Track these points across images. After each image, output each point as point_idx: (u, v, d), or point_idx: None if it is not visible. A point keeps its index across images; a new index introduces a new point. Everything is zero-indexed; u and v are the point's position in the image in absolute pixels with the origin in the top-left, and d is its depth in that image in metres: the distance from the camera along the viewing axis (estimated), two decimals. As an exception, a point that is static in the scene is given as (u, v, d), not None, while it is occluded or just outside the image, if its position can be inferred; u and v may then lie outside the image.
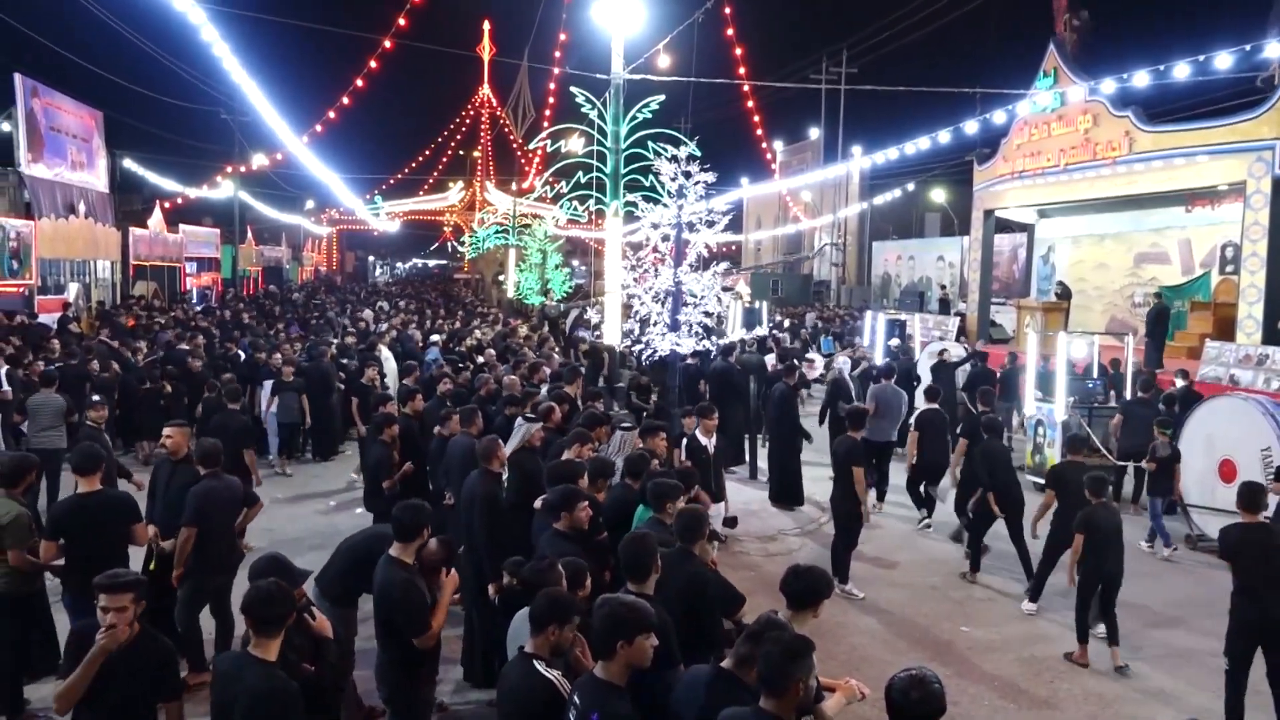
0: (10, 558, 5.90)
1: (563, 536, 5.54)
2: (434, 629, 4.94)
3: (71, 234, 25.89)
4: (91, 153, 29.09)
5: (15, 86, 23.86)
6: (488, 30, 62.82)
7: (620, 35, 15.99)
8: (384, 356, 15.21)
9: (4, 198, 23.64)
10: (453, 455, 7.93)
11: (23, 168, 23.94)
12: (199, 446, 6.97)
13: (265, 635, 3.89)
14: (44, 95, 25.53)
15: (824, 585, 4.34)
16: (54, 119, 26.16)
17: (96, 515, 5.98)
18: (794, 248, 52.32)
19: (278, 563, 4.59)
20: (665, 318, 11.48)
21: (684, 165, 11.19)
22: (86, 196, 27.84)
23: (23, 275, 22.42)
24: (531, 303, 30.96)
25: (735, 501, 10.90)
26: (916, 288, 35.62)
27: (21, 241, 22.28)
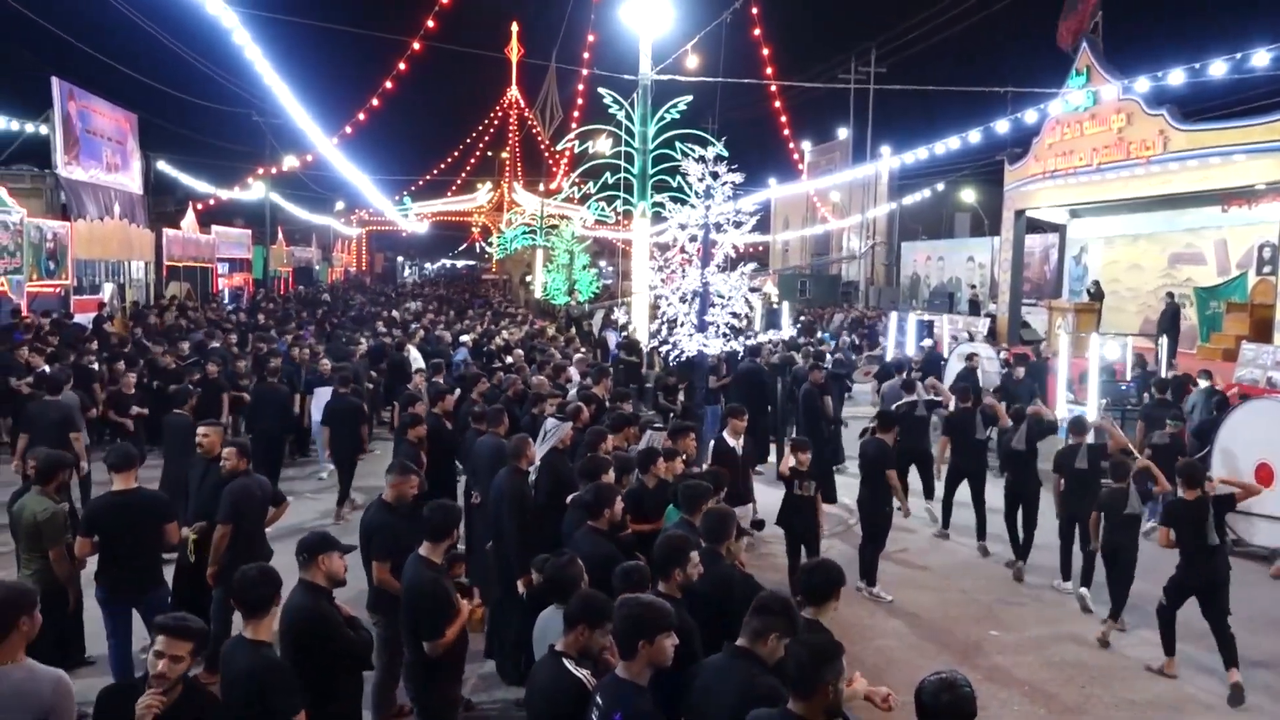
0: (51, 556, 6.02)
1: (599, 534, 5.56)
2: (447, 638, 4.97)
3: (106, 235, 26.27)
4: (126, 155, 29.51)
5: (52, 90, 24.26)
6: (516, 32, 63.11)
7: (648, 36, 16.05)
8: (413, 357, 15.32)
9: (41, 199, 24.02)
10: (480, 455, 7.98)
11: (59, 170, 24.33)
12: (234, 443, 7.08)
13: (254, 617, 4.12)
14: (80, 98, 25.93)
15: (836, 575, 4.41)
16: (89, 122, 26.57)
17: (131, 513, 6.08)
18: (822, 248, 52.09)
19: (328, 536, 4.84)
20: (692, 318, 11.48)
21: (711, 166, 11.18)
22: (121, 198, 28.24)
23: (59, 275, 22.79)
24: (559, 303, 31.06)
25: (763, 503, 10.86)
26: (946, 288, 35.37)
27: (58, 242, 22.65)
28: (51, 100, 24.22)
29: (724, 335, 11.48)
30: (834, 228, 49.08)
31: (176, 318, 21.89)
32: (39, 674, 3.69)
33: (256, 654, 4.02)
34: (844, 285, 44.10)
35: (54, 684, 3.69)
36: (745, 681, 3.69)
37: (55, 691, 3.68)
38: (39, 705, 3.59)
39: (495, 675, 6.81)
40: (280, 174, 41.19)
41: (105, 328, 18.95)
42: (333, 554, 4.70)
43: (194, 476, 7.22)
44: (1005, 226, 23.78)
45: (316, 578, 4.66)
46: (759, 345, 13.62)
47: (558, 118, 65.66)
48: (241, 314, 22.86)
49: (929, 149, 20.99)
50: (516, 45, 63.43)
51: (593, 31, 34.46)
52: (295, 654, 4.43)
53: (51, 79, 24.40)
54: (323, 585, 4.66)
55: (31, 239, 21.05)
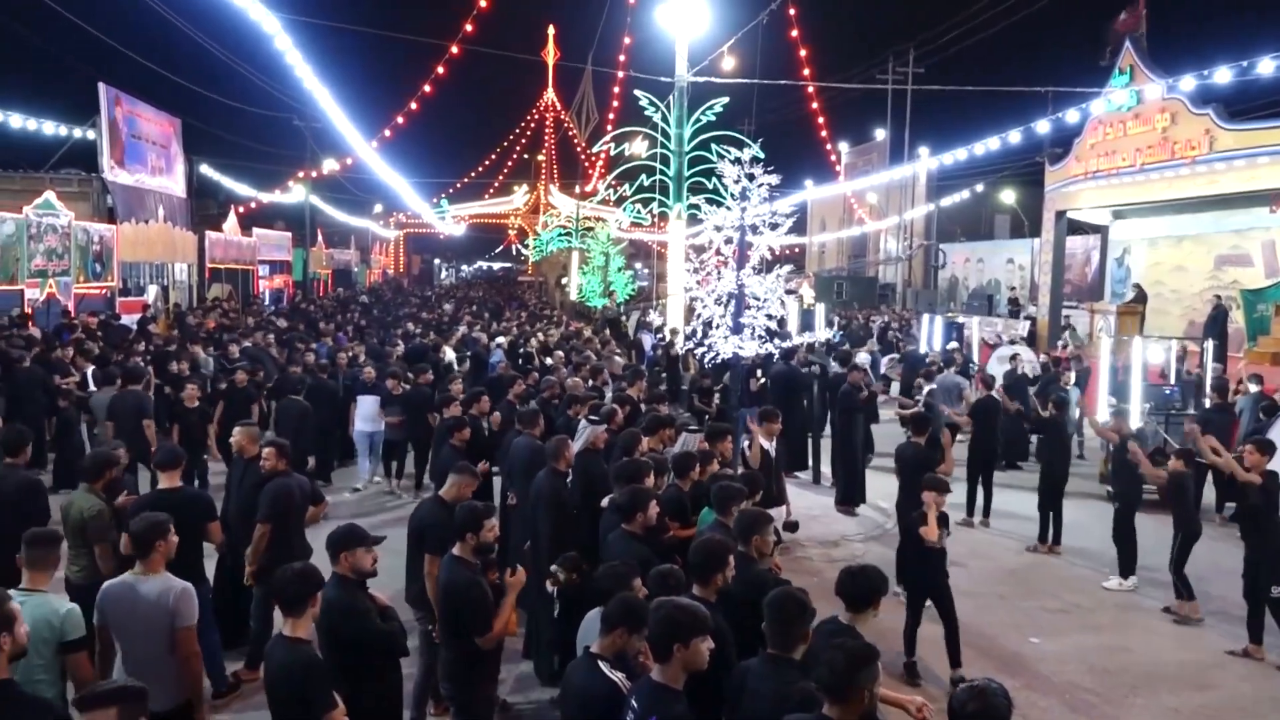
0: (97, 553, 6.12)
1: (633, 537, 5.57)
2: (496, 630, 5.00)
3: (151, 237, 26.75)
4: (170, 159, 30.05)
5: (99, 96, 24.76)
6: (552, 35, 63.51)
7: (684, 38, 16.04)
8: (450, 358, 15.43)
9: (88, 203, 24.53)
10: (515, 456, 8.00)
11: (106, 174, 24.84)
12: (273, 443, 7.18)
13: (293, 615, 4.17)
14: (126, 104, 26.45)
15: (879, 582, 4.39)
16: (135, 127, 27.09)
17: (175, 512, 6.15)
18: (859, 250, 51.74)
19: (354, 530, 4.88)
20: (728, 320, 11.44)
21: (747, 167, 11.14)
22: (165, 201, 28.77)
23: (105, 278, 23.24)
24: (594, 305, 31.12)
25: (797, 506, 10.81)
26: (985, 291, 34.97)
27: (104, 245, 23.10)
28: (99, 105, 24.72)
29: (760, 338, 11.43)
30: (871, 229, 48.72)
31: (219, 318, 22.21)
32: (171, 582, 4.76)
33: (294, 651, 4.08)
34: (881, 287, 43.77)
35: (180, 590, 4.72)
36: (782, 687, 3.67)
37: (179, 596, 4.70)
38: (169, 606, 4.65)
39: (532, 675, 6.84)
40: (320, 177, 41.70)
41: (149, 329, 19.27)
42: (357, 550, 4.76)
43: (233, 476, 7.35)
44: (1046, 228, 23.51)
45: (344, 571, 4.75)
46: (794, 348, 13.55)
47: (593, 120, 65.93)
48: (281, 320, 22.80)
49: (968, 150, 20.78)
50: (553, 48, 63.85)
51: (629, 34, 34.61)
52: (329, 645, 4.51)
53: (99, 85, 24.90)
54: (351, 577, 4.74)
55: (79, 242, 21.49)
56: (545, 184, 68.83)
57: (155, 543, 4.77)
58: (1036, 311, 24.30)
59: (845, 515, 11.64)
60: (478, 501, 5.52)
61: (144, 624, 4.61)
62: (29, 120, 22.47)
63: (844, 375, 12.74)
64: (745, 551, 5.06)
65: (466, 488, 6.14)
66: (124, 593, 4.69)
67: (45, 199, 20.34)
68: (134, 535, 4.83)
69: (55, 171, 25.72)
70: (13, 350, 12.87)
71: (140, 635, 4.62)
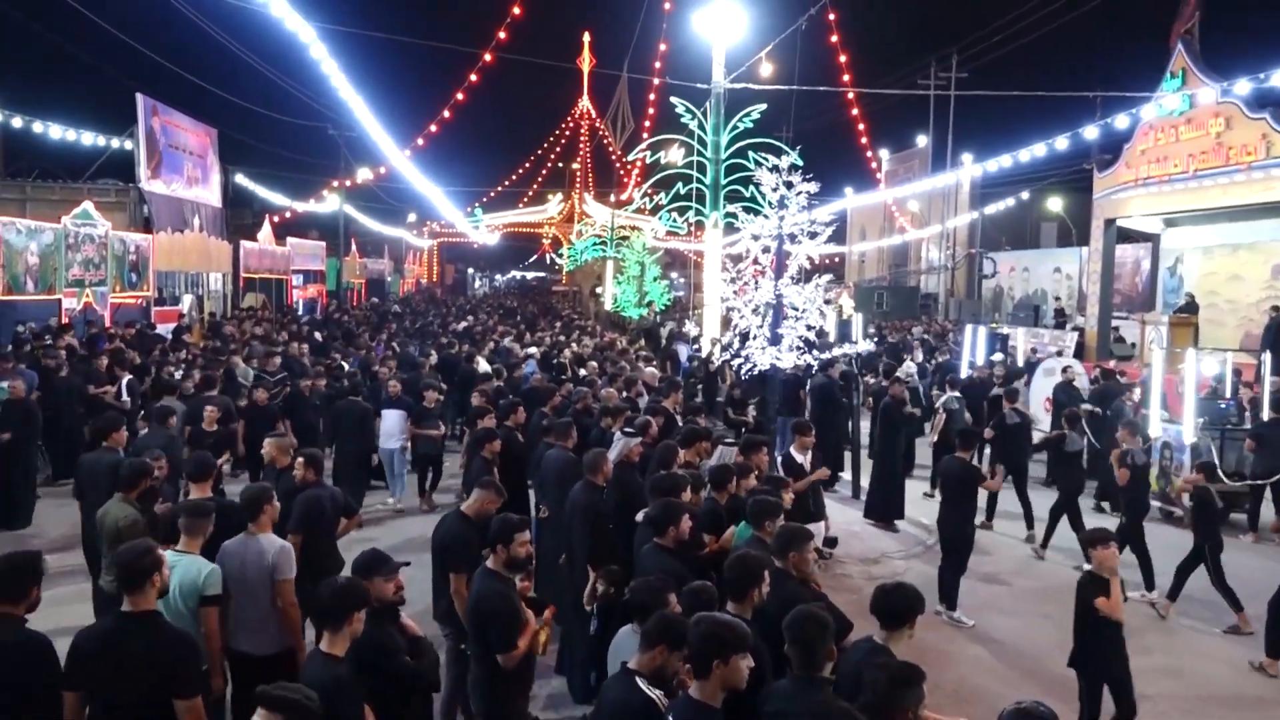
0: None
1: (665, 551, 5.56)
2: (520, 649, 5.00)
3: (186, 247, 27.22)
4: (206, 169, 30.58)
5: (137, 106, 25.27)
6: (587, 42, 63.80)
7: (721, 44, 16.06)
8: (482, 369, 15.51)
9: (125, 212, 24.99)
10: (547, 468, 8.02)
11: (142, 183, 25.33)
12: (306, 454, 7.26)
13: (330, 630, 4.20)
14: (163, 114, 26.98)
15: (915, 600, 4.35)
16: (172, 137, 27.61)
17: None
18: (900, 260, 51.40)
19: (375, 556, 4.92)
20: (765, 331, 11.41)
21: (785, 175, 11.13)
22: (201, 211, 29.27)
23: (141, 287, 23.65)
24: (629, 315, 31.15)
25: (837, 522, 10.75)
26: (1030, 301, 34.53)
27: (140, 255, 23.51)
28: (136, 116, 25.23)
29: (798, 349, 11.38)
30: (912, 238, 48.39)
31: (254, 327, 22.49)
32: (273, 539, 5.61)
33: (328, 668, 4.11)
34: (923, 298, 43.40)
35: (280, 548, 5.56)
36: (815, 706, 3.63)
37: (279, 552, 5.53)
38: (271, 561, 5.45)
39: (565, 693, 6.83)
40: (354, 186, 42.30)
41: (184, 338, 19.57)
42: (375, 578, 4.74)
43: (266, 486, 7.43)
44: (1094, 236, 23.16)
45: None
46: (832, 359, 13.49)
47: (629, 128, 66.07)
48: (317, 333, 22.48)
49: (1013, 156, 20.58)
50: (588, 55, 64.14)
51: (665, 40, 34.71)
52: (358, 672, 4.50)
53: (137, 96, 25.41)
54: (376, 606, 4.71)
55: (115, 252, 21.90)
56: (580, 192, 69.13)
57: (263, 506, 5.61)
58: (1084, 322, 23.94)
59: (885, 531, 11.54)
60: (511, 514, 5.52)
61: (252, 577, 5.41)
62: (68, 131, 22.99)
63: (885, 388, 12.65)
64: (783, 568, 5.03)
65: (490, 503, 6.14)
66: (237, 549, 5.53)
67: (83, 209, 20.75)
68: (244, 500, 5.66)
69: (93, 181, 26.29)
70: (50, 360, 13.14)
71: (249, 587, 5.39)
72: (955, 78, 40.67)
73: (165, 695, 4.04)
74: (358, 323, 26.92)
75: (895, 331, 29.46)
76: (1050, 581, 9.97)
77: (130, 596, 4.19)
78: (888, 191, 45.21)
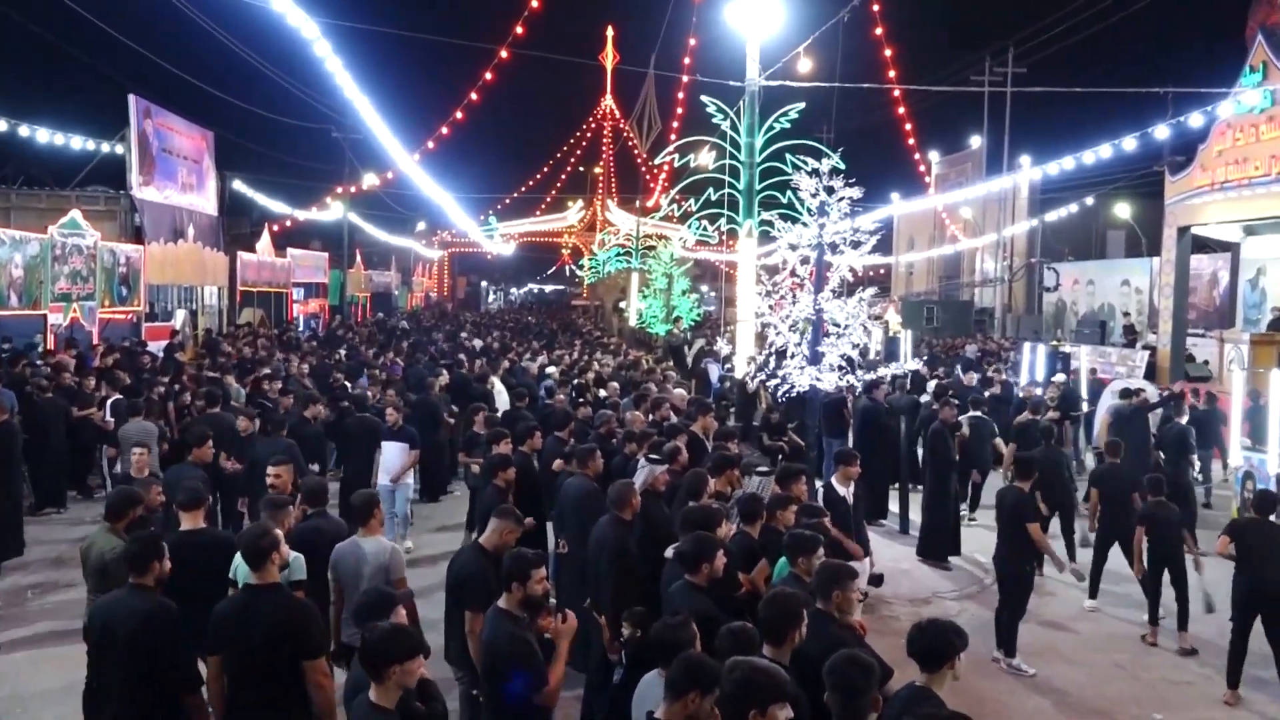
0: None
1: (697, 590, 5.53)
2: (553, 684, 5.00)
3: (180, 259, 27.51)
4: (202, 174, 31.01)
5: (129, 107, 25.64)
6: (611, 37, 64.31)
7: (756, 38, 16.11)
8: (496, 390, 15.59)
9: (114, 221, 25.35)
10: (566, 498, 8.00)
11: (134, 191, 25.68)
12: (305, 485, 7.32)
13: (375, 679, 4.22)
14: (156, 115, 27.39)
15: (954, 638, 4.31)
16: (166, 140, 28.03)
17: (199, 555, 6.29)
18: (952, 271, 51.20)
19: (380, 594, 5.07)
20: (804, 349, 11.40)
21: (826, 180, 11.13)
22: (195, 220, 29.64)
23: (131, 301, 23.91)
24: (656, 332, 31.18)
25: (884, 558, 10.67)
26: (1096, 316, 34.25)
27: (131, 267, 23.78)
28: (127, 118, 25.60)
29: (840, 369, 11.35)
30: (965, 248, 48.18)
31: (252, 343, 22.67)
32: (385, 543, 6.54)
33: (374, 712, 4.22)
34: (977, 312, 43.17)
35: (392, 551, 6.47)
36: None
37: (393, 554, 6.44)
38: (386, 561, 6.32)
39: (585, 743, 6.81)
40: (359, 193, 42.67)
41: (177, 357, 19.77)
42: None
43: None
44: (1166, 246, 22.97)
45: None
46: (877, 380, 13.44)
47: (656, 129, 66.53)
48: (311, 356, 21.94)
49: (1075, 158, 20.50)
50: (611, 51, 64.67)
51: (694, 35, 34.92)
52: None
53: (129, 96, 25.78)
54: None
55: (105, 263, 22.18)
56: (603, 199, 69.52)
57: (373, 510, 6.52)
58: (1156, 340, 23.73)
59: (937, 569, 11.45)
60: (526, 549, 5.52)
61: (368, 575, 6.19)
62: (55, 134, 23.35)
63: (934, 411, 12.59)
64: (824, 609, 5.01)
65: (509, 534, 6.15)
66: (351, 550, 6.37)
67: (71, 218, 21.04)
68: (355, 506, 6.59)
69: (81, 188, 26.70)
70: (34, 379, 13.34)
71: (359, 587, 6.04)
72: (1012, 72, 40.56)
73: (292, 656, 4.92)
74: (362, 341, 27.01)
75: (947, 350, 29.31)
76: (1117, 629, 9.84)
77: (256, 572, 5.19)
78: (938, 197, 45.07)
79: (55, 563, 10.87)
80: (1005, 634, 8.70)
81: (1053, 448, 11.77)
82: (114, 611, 5.08)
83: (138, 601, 5.06)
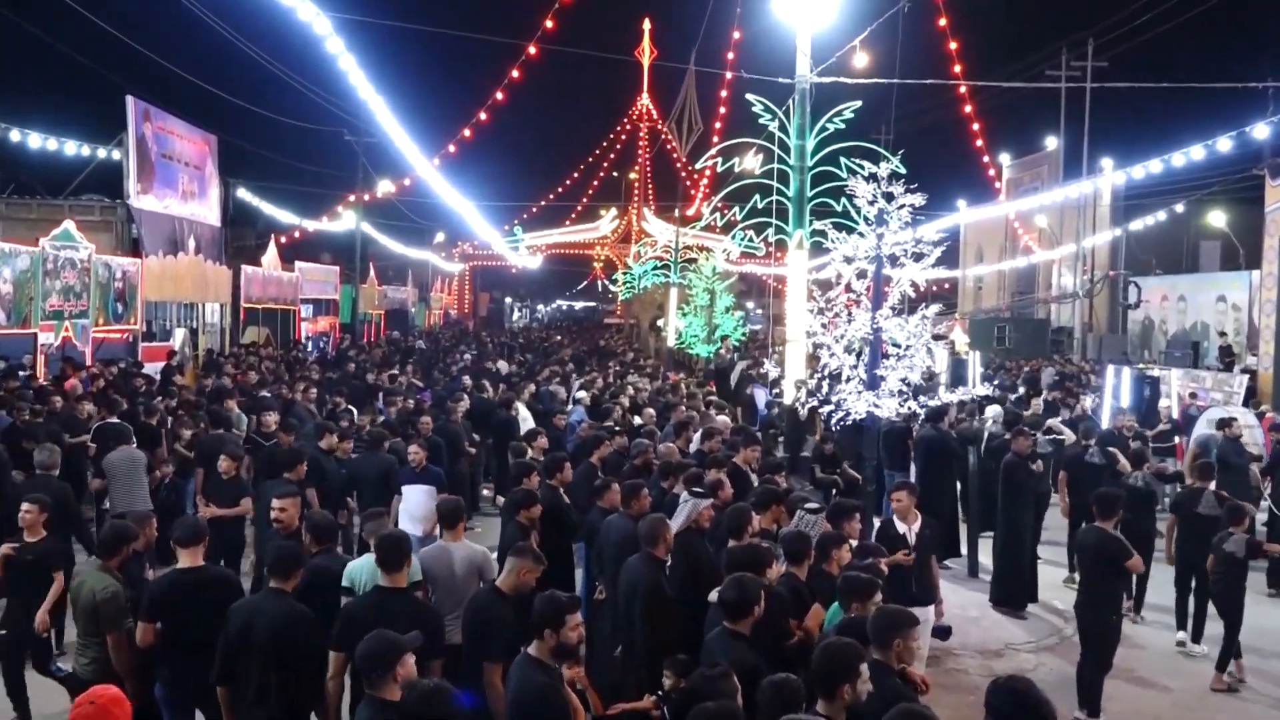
0: (110, 643, 6.33)
1: (738, 638, 5.51)
2: None
3: (180, 273, 27.80)
4: (204, 182, 31.45)
5: (127, 110, 26.03)
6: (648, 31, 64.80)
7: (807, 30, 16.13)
8: (521, 416, 15.64)
9: (110, 233, 25.66)
10: (607, 539, 7.99)
11: (131, 200, 26.03)
12: (309, 519, 7.40)
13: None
14: (156, 119, 27.81)
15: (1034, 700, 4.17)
16: (166, 145, 28.47)
17: (199, 595, 6.36)
18: (1026, 286, 50.84)
19: (385, 639, 5.00)
20: (861, 373, 11.35)
21: (885, 185, 11.11)
22: (197, 231, 29.99)
23: (127, 319, 24.20)
24: (697, 353, 31.15)
25: (951, 605, 10.55)
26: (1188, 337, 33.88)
27: (127, 282, 24.08)
28: (125, 121, 25.96)
29: (900, 394, 11.30)
30: (1041, 260, 47.84)
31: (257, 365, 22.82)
32: (475, 547, 7.49)
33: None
34: (1054, 332, 42.82)
35: (484, 553, 7.39)
36: None
37: (485, 557, 7.31)
38: (479, 564, 7.18)
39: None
40: (373, 201, 43.06)
41: (175, 380, 19.98)
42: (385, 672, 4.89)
43: (268, 550, 7.56)
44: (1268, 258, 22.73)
45: (385, 693, 4.81)
46: (944, 407, 13.34)
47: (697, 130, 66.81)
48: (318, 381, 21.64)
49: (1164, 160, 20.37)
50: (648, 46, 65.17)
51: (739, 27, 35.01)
52: None
53: (127, 98, 26.15)
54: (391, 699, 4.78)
55: (99, 278, 22.50)
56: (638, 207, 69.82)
57: (460, 516, 7.59)
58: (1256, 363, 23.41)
59: (1011, 617, 11.31)
60: (559, 592, 5.52)
61: (461, 576, 7.06)
62: (47, 139, 23.75)
63: (1007, 442, 12.47)
64: (882, 660, 4.97)
65: (528, 573, 6.17)
66: (440, 554, 7.26)
67: (64, 229, 21.32)
68: (442, 514, 7.65)
69: (75, 197, 27.09)
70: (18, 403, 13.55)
71: (455, 586, 7.00)
72: (1091, 66, 40.36)
73: (420, 656, 5.30)
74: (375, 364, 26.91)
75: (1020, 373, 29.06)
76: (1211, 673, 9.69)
77: (388, 575, 6.12)
78: (1010, 204, 44.86)
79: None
80: (1088, 692, 8.57)
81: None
82: (256, 614, 5.96)
83: (277, 605, 5.99)
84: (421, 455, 10.80)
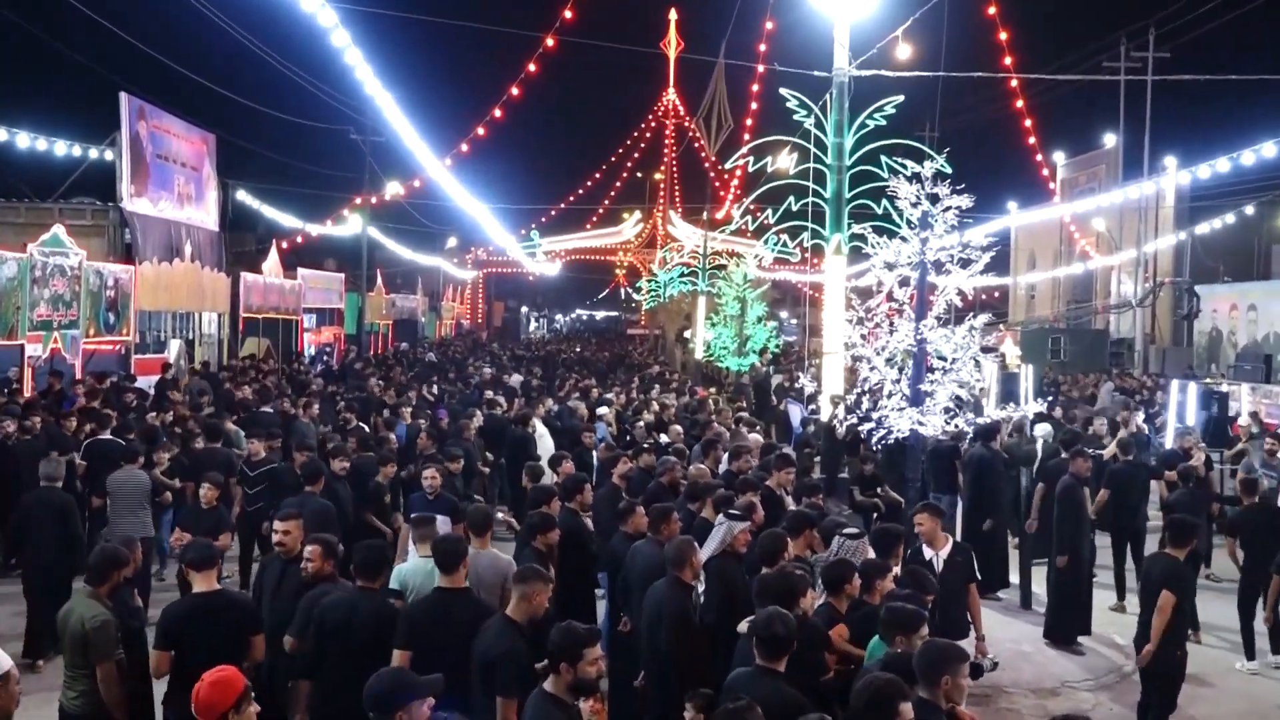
0: (99, 675, 6.36)
1: (770, 675, 5.48)
2: None
3: (175, 280, 27.93)
4: (201, 183, 31.63)
5: (120, 107, 26.20)
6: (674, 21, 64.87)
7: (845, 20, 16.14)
8: (539, 434, 15.62)
9: (102, 238, 25.80)
10: (633, 567, 7.99)
11: (124, 203, 26.16)
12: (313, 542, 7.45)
13: None
14: (152, 117, 27.96)
15: None
16: (161, 145, 28.64)
17: (215, 620, 6.45)
18: (1083, 294, 50.59)
19: (400, 677, 4.99)
20: (904, 387, 11.32)
21: (929, 186, 11.10)
22: (194, 236, 30.14)
23: (120, 330, 24.32)
24: (726, 366, 31.11)
25: (1000, 639, 10.51)
26: (1260, 349, 33.60)
27: (119, 290, 24.20)
28: (118, 119, 26.12)
29: (947, 411, 11.26)
30: (1099, 266, 47.61)
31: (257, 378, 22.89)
32: (501, 556, 8.02)
33: None
34: (1114, 344, 42.58)
35: (509, 562, 7.82)
36: None
37: (510, 565, 7.60)
38: (502, 571, 7.53)
39: None
40: (381, 204, 43.20)
41: (170, 394, 20.09)
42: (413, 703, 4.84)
43: (269, 578, 7.62)
44: (1345, 263, 22.52)
45: None
46: (995, 424, 13.29)
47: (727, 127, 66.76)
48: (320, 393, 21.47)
49: (1232, 159, 20.24)
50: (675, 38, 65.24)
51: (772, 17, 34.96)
52: None
53: (120, 95, 26.32)
54: None
55: (90, 286, 22.64)
56: (664, 210, 69.89)
57: (489, 524, 8.15)
58: (1334, 377, 23.18)
59: (1066, 652, 11.23)
60: (578, 623, 5.50)
61: (488, 581, 7.47)
62: (36, 139, 23.89)
63: (1064, 463, 12.40)
64: (929, 698, 4.95)
65: (538, 596, 6.18)
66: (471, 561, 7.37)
67: (54, 234, 21.45)
68: (471, 521, 8.14)
69: (65, 200, 27.29)
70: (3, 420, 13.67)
71: (483, 591, 7.31)
72: (1153, 57, 40.13)
73: None
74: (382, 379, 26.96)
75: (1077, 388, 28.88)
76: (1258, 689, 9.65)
77: (447, 576, 6.74)
78: (1064, 206, 44.69)
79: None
80: (1151, 733, 8.51)
81: None
82: (354, 611, 6.63)
83: (370, 602, 6.74)
84: (438, 482, 10.50)
